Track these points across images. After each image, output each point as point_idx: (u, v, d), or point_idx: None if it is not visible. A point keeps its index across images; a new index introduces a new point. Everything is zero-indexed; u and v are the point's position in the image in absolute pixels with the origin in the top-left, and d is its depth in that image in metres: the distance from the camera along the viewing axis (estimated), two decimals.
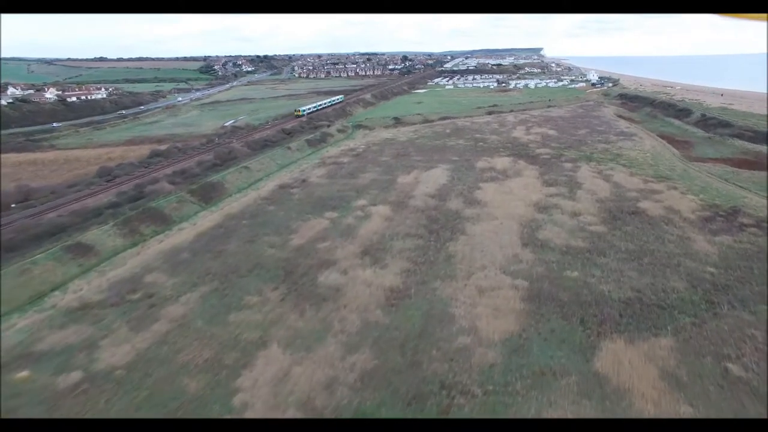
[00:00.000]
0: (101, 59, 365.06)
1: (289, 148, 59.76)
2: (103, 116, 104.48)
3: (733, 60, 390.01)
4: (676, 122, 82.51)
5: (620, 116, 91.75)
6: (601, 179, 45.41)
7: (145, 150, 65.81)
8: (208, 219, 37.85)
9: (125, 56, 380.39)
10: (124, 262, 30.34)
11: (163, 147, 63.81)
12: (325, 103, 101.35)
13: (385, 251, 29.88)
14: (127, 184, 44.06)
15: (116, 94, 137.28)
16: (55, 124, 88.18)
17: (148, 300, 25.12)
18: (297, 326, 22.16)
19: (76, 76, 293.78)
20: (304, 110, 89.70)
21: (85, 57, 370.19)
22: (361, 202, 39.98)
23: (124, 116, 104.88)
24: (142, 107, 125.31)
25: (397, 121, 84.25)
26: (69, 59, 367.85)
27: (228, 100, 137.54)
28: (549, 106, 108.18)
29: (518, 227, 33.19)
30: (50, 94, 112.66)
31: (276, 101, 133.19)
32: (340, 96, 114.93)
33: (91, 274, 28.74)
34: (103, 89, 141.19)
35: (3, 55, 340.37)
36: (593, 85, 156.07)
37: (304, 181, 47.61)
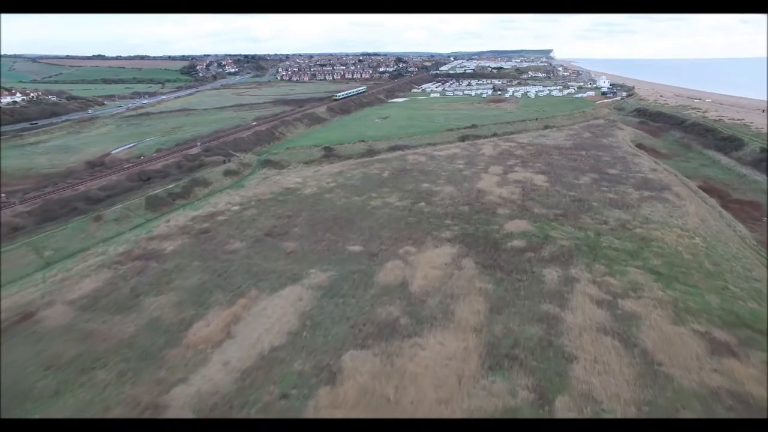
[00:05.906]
0: (99, 57, 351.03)
1: (98, 217, 36.22)
2: None
3: (746, 64, 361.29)
4: (723, 159, 57.85)
5: (640, 145, 67.07)
6: (615, 339, 21.30)
7: None
8: None
9: (124, 54, 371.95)
10: None
11: None
12: (353, 92, 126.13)
13: None
14: None
15: (32, 102, 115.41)
16: None
17: None
18: None
19: (56, 75, 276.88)
20: (339, 96, 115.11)
21: (85, 55, 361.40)
22: None
23: (2, 134, 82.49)
24: (53, 119, 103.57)
25: (328, 153, 60.36)
26: (67, 57, 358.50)
27: (162, 112, 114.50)
28: (546, 127, 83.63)
29: None
30: None
31: (220, 113, 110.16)
32: (363, 87, 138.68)
33: None
34: (18, 94, 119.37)
35: (6, 52, 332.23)
36: (604, 94, 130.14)
37: (20, 320, 24.06)
